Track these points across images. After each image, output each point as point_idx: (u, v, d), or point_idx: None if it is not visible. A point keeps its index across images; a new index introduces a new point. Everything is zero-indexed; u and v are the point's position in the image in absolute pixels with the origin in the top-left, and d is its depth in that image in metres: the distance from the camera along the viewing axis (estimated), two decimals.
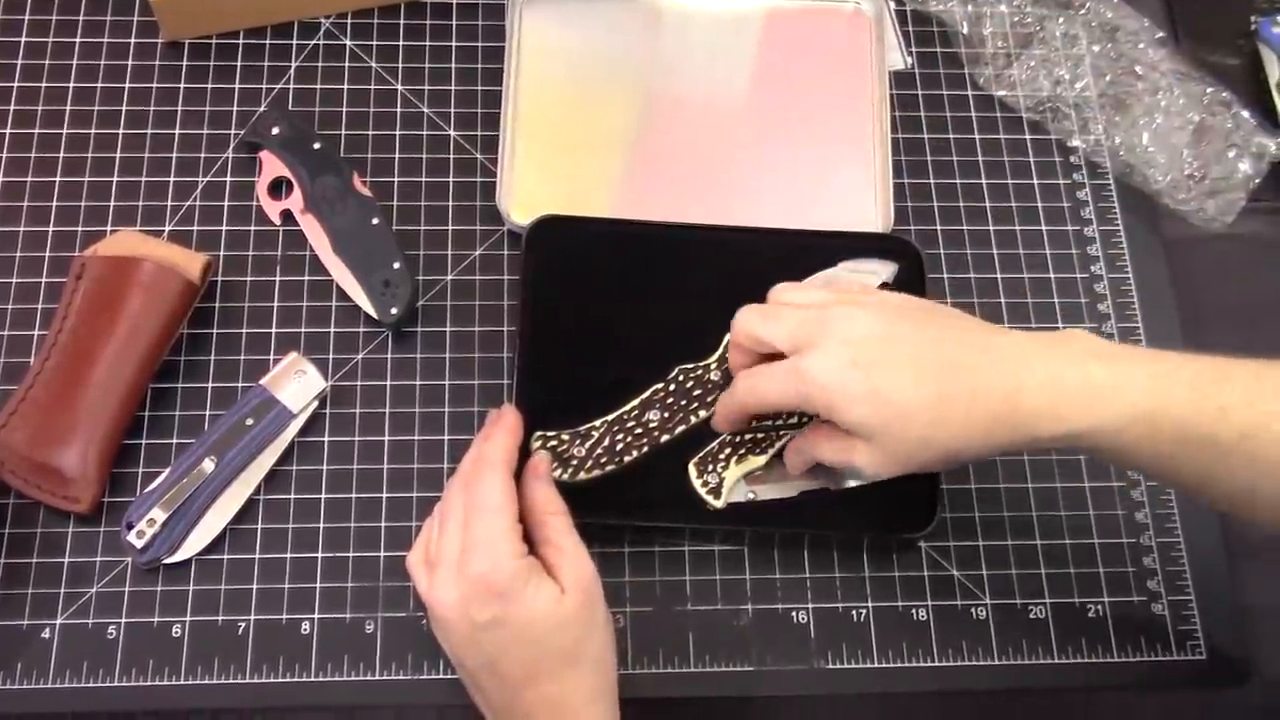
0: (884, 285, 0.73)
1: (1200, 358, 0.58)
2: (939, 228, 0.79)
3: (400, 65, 0.81)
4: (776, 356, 0.61)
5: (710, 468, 0.69)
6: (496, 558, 0.58)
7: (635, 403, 0.70)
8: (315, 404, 0.71)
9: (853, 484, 0.67)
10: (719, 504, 0.68)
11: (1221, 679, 0.70)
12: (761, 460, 0.68)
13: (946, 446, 0.58)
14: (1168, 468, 0.58)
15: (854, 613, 0.69)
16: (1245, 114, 0.82)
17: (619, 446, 0.69)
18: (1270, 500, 0.56)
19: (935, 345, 0.58)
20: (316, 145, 0.76)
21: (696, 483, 0.68)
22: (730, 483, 0.68)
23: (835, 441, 0.61)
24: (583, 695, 0.59)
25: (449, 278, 0.76)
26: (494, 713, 0.61)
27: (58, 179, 0.76)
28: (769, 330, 0.61)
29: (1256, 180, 0.81)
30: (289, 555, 0.69)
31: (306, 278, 0.75)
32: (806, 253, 0.73)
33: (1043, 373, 0.57)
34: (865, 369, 0.57)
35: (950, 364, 0.58)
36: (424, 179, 0.78)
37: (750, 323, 0.62)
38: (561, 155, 0.79)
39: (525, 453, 0.66)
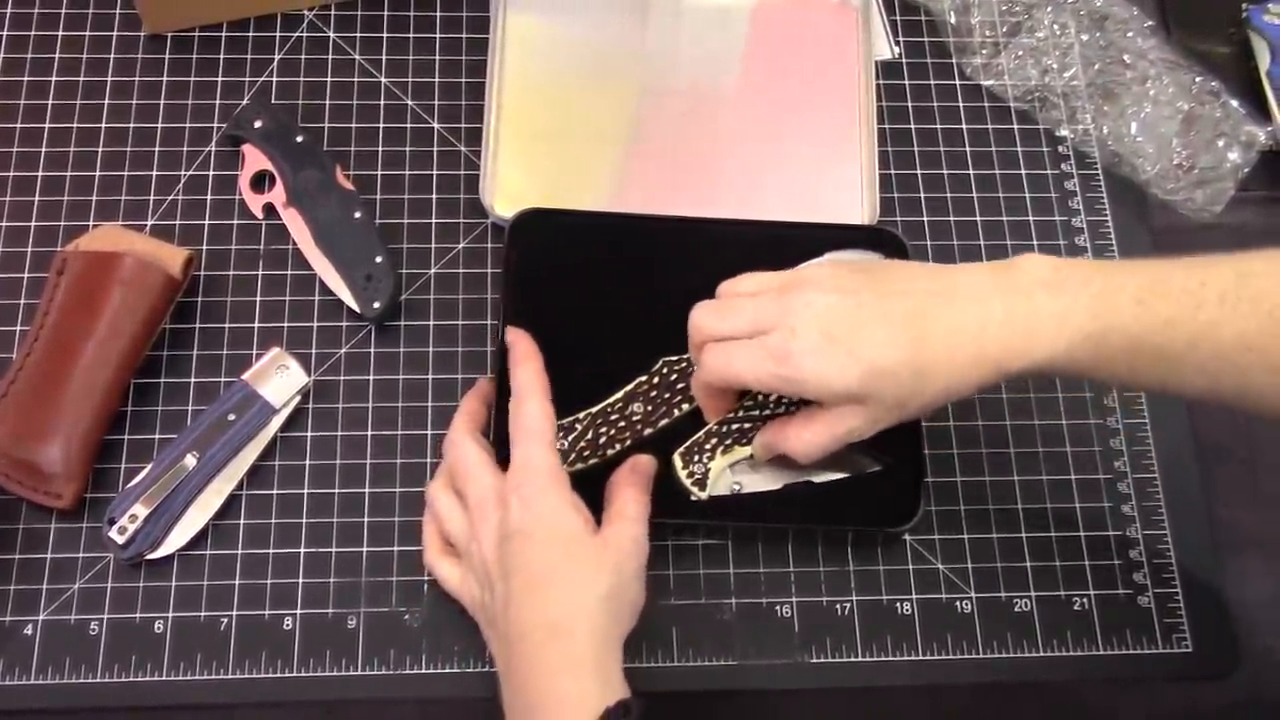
0: None
1: (1144, 266, 0.60)
2: (925, 218, 0.79)
3: (384, 57, 0.81)
4: None
5: (696, 458, 0.68)
6: (541, 477, 0.60)
7: (619, 395, 0.70)
8: (298, 399, 0.71)
9: (832, 477, 0.67)
10: (703, 495, 0.68)
11: (1208, 671, 0.69)
12: (748, 450, 0.68)
13: (936, 389, 0.59)
14: (1126, 381, 0.63)
15: (838, 606, 0.69)
16: (1234, 103, 0.81)
17: (602, 439, 0.69)
18: (1235, 396, 0.58)
19: (898, 298, 0.60)
20: (299, 138, 0.75)
21: (681, 473, 0.68)
22: (716, 473, 0.68)
23: (817, 423, 0.61)
24: (585, 627, 0.58)
25: (432, 271, 0.75)
26: (501, 643, 0.60)
27: (40, 174, 0.76)
28: (729, 324, 0.61)
29: (1245, 170, 0.80)
30: (271, 551, 0.68)
31: (289, 272, 0.74)
32: (790, 244, 0.73)
33: (1000, 308, 0.59)
34: (841, 339, 0.58)
35: (917, 312, 0.59)
36: (407, 172, 0.78)
37: (706, 320, 0.63)
38: (546, 148, 0.79)
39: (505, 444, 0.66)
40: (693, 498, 0.68)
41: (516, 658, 0.58)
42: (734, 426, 0.68)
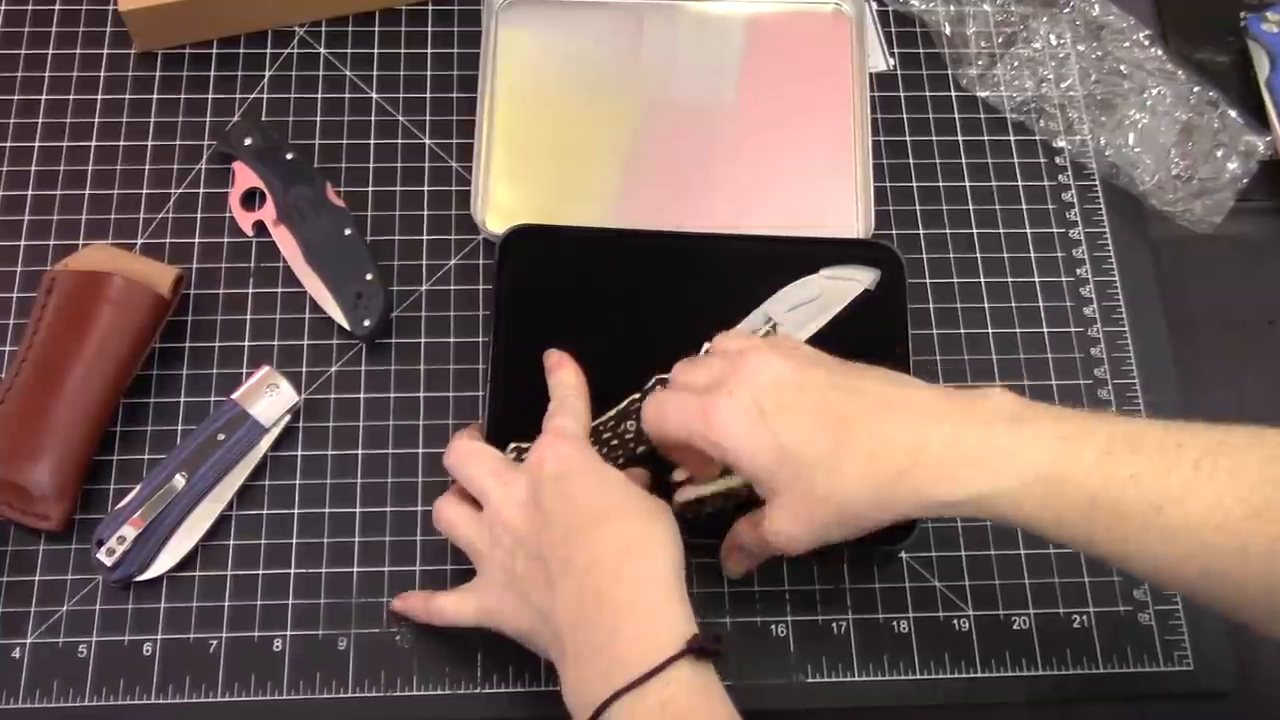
0: (865, 291, 0.72)
1: (1121, 419, 0.55)
2: (921, 231, 0.78)
3: (375, 73, 0.80)
4: None
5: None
6: (578, 417, 0.62)
7: (612, 413, 0.69)
8: (288, 418, 0.70)
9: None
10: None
11: (1210, 690, 0.68)
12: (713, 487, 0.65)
13: (845, 502, 0.55)
14: (1079, 539, 0.53)
15: (834, 625, 0.68)
16: (1232, 113, 0.80)
17: None
18: (1198, 579, 0.52)
19: (843, 395, 0.56)
20: (289, 155, 0.75)
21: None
22: (676, 508, 0.64)
23: (751, 522, 0.61)
24: (660, 549, 0.57)
25: (423, 288, 0.75)
26: (563, 584, 0.56)
27: (29, 192, 0.76)
28: (690, 377, 0.60)
29: (1245, 180, 0.79)
30: (261, 572, 0.68)
31: (280, 290, 0.74)
32: (783, 259, 0.72)
33: (947, 431, 0.54)
34: (769, 416, 0.56)
35: (855, 414, 0.55)
36: (399, 188, 0.77)
37: (679, 372, 0.62)
38: (538, 163, 0.78)
39: None
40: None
41: (589, 586, 0.55)
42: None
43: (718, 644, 0.54)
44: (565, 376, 0.65)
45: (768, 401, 0.56)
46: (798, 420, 0.55)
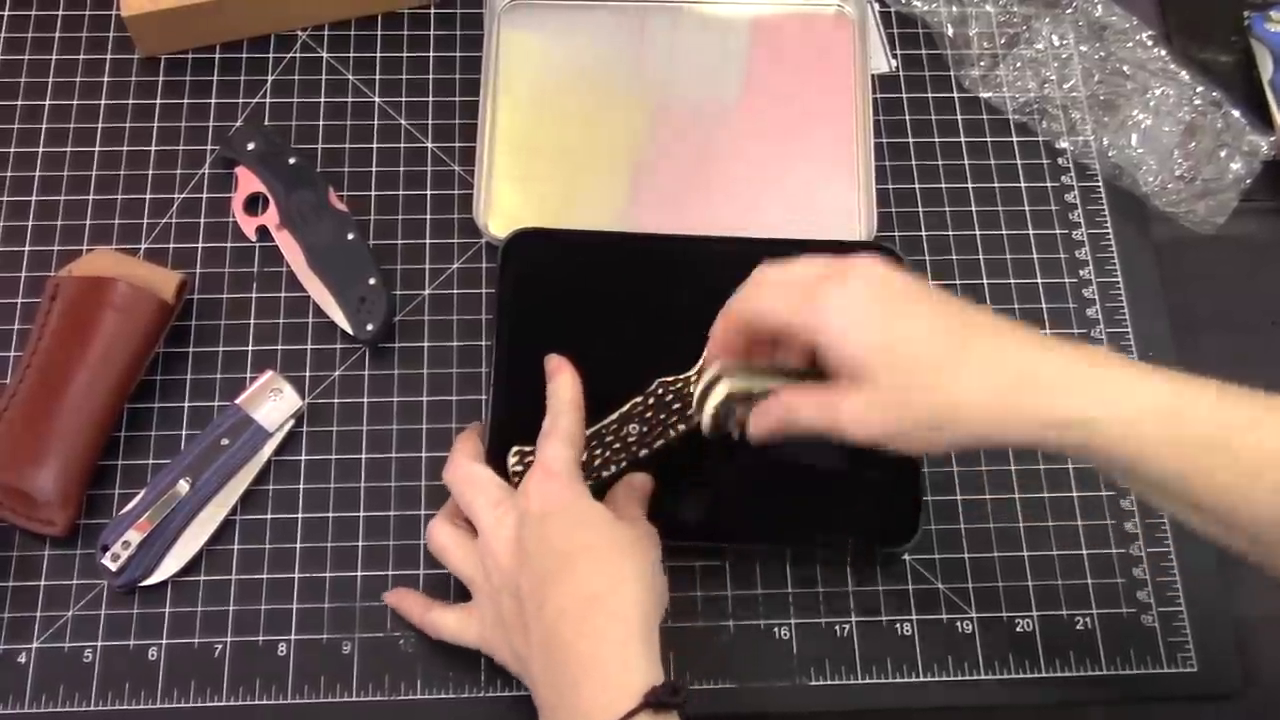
0: None
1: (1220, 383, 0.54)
2: (924, 233, 0.78)
3: (377, 77, 0.80)
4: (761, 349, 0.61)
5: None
6: (557, 456, 0.61)
7: (614, 417, 0.69)
8: (291, 422, 0.70)
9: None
10: (706, 413, 0.63)
11: (1214, 691, 0.68)
12: (765, 385, 0.62)
13: (956, 406, 0.54)
14: (1176, 483, 0.52)
15: (837, 628, 0.68)
16: (1236, 113, 0.80)
17: (597, 461, 0.68)
18: None
19: (959, 308, 0.56)
20: (292, 160, 0.75)
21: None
22: (719, 399, 0.63)
23: (819, 395, 0.57)
24: (628, 597, 0.57)
25: (426, 292, 0.75)
26: (537, 630, 0.57)
27: (33, 198, 0.76)
28: (785, 269, 0.59)
29: (1248, 180, 0.79)
30: (265, 576, 0.68)
31: (283, 294, 0.74)
32: None
33: (1061, 360, 0.54)
34: (883, 307, 0.55)
35: (973, 326, 0.55)
36: (401, 192, 0.77)
37: (770, 266, 0.60)
38: (541, 166, 0.78)
39: (503, 471, 0.66)
40: (696, 419, 0.65)
41: (555, 636, 0.56)
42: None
43: (675, 696, 0.53)
44: (560, 388, 0.64)
45: (882, 294, 0.55)
46: (914, 318, 0.55)
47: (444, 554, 0.64)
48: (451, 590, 0.67)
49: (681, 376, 0.69)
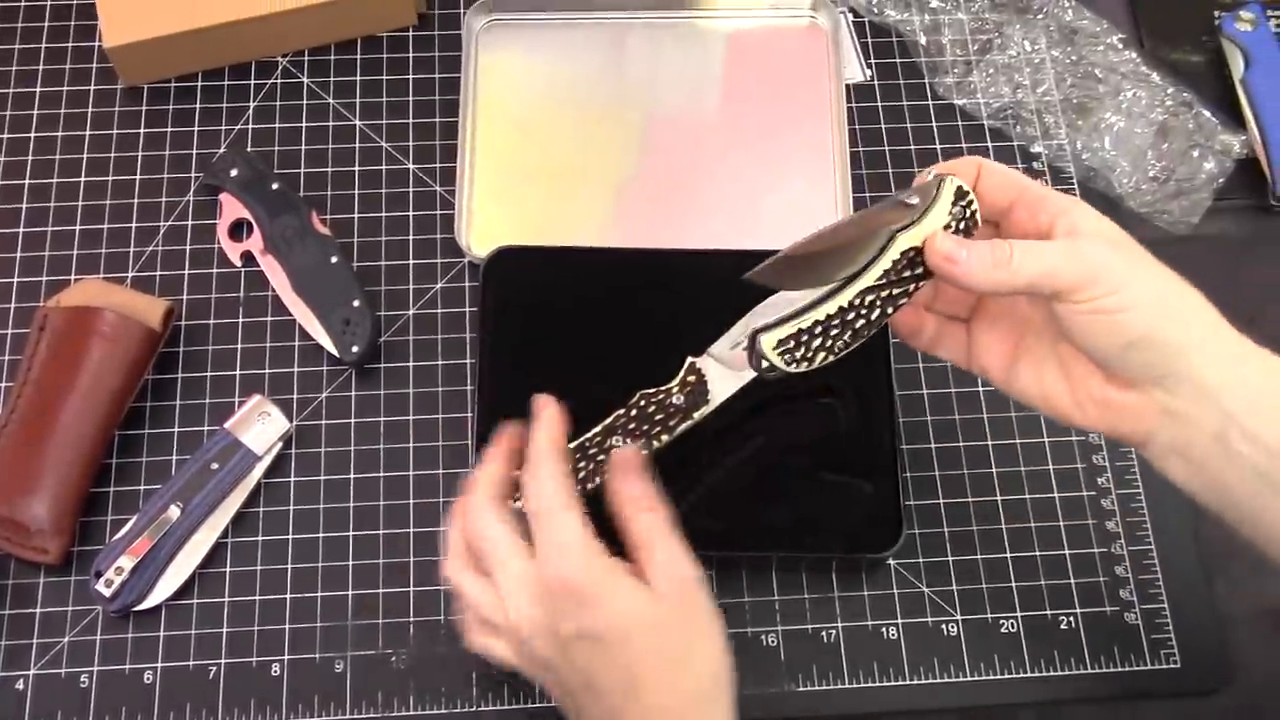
0: None
1: None
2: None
3: (358, 100, 0.81)
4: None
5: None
6: (576, 559, 0.54)
7: (597, 429, 0.70)
8: (280, 445, 0.71)
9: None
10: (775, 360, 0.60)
11: (1197, 687, 0.69)
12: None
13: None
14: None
15: (824, 634, 0.69)
16: (1207, 113, 0.81)
17: (582, 474, 0.68)
18: None
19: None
20: (274, 185, 0.76)
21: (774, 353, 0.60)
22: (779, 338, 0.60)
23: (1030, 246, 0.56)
24: (692, 700, 0.54)
25: (411, 312, 0.76)
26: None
27: (21, 230, 0.77)
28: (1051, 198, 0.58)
29: (1221, 180, 0.80)
30: (258, 598, 0.69)
31: (269, 319, 0.75)
32: None
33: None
34: (1125, 250, 0.57)
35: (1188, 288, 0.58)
36: (384, 214, 0.78)
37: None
38: (521, 184, 0.79)
39: None
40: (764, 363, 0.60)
41: None
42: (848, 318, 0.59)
43: None
44: (541, 437, 0.59)
45: (1115, 236, 0.57)
46: (1149, 264, 0.57)
47: (472, 606, 0.58)
48: (442, 608, 0.68)
49: (663, 388, 0.70)
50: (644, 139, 0.81)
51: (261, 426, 0.71)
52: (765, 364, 0.60)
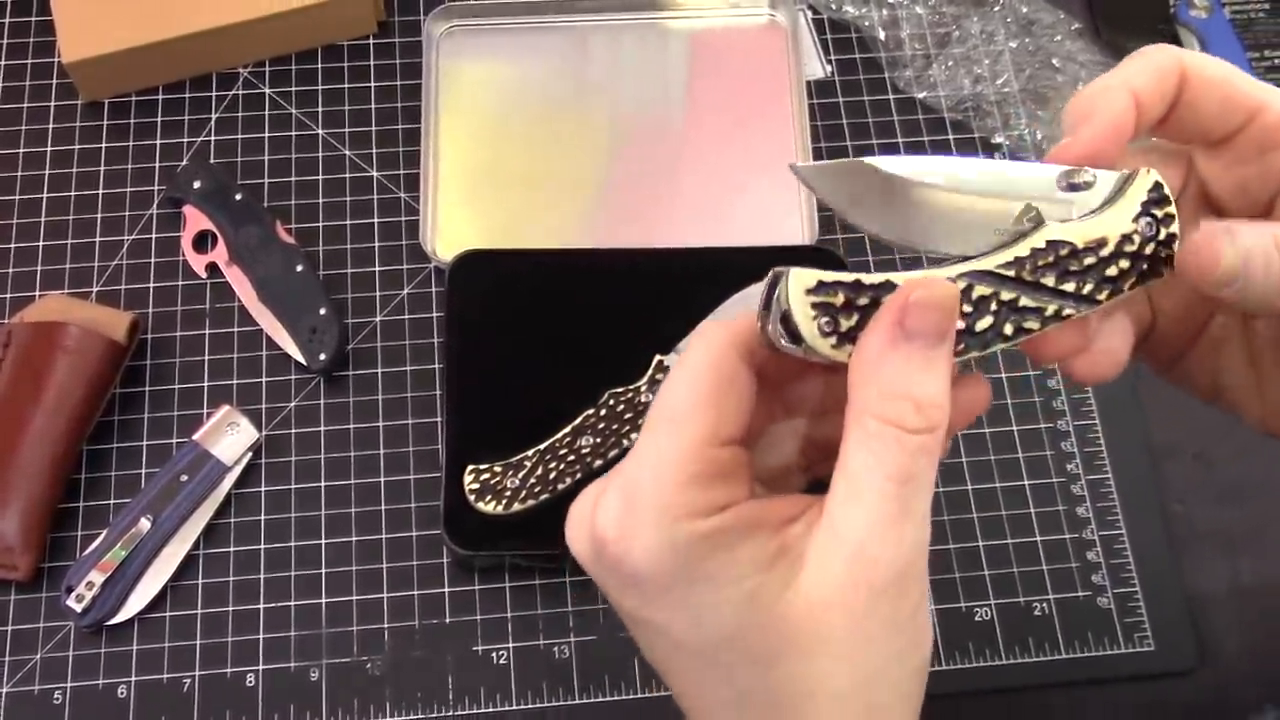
0: None
1: None
2: (866, 235, 0.79)
3: (320, 109, 0.81)
4: None
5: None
6: (636, 517, 0.37)
7: (567, 430, 0.70)
8: (249, 455, 0.71)
9: None
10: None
11: (1171, 668, 0.69)
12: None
13: None
14: None
15: None
16: None
17: (552, 475, 0.69)
18: None
19: None
20: (238, 196, 0.76)
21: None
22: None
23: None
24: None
25: (378, 319, 0.76)
26: None
27: None
28: None
29: None
30: (230, 608, 0.69)
31: (236, 329, 0.75)
32: (731, 269, 0.73)
33: None
34: None
35: None
36: (349, 222, 0.78)
37: None
38: (485, 189, 0.79)
39: (460, 492, 0.67)
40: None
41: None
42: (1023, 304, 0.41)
43: None
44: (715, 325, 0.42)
45: None
46: None
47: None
48: (416, 614, 0.68)
49: (631, 387, 0.70)
50: (608, 141, 0.81)
51: (231, 437, 0.71)
52: (781, 320, 0.40)
